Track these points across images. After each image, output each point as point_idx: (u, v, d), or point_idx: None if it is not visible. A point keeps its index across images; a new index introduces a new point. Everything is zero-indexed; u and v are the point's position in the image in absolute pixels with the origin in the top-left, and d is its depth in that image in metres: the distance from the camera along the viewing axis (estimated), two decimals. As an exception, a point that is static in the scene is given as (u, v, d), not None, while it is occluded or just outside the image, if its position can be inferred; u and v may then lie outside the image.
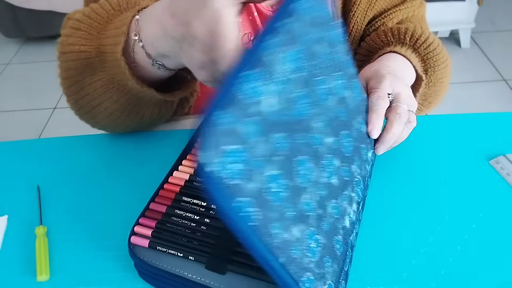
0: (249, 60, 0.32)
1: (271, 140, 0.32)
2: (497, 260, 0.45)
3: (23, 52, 2.32)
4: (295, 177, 0.34)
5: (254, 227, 0.30)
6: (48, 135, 1.79)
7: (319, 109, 0.38)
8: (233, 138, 0.29)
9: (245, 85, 0.31)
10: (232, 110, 0.29)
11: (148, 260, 0.42)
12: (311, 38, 0.37)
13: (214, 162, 0.28)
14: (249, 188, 0.29)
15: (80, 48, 0.49)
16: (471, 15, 2.00)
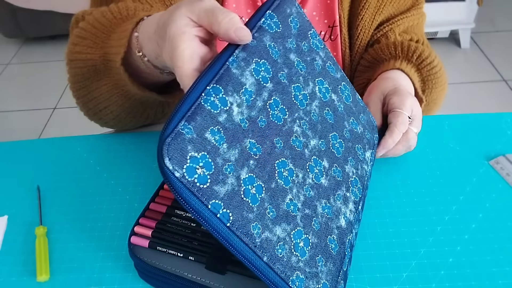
0: (217, 73, 0.34)
1: (243, 146, 0.34)
2: (497, 260, 0.45)
3: (23, 52, 2.32)
4: (275, 179, 0.35)
5: (231, 228, 0.31)
6: (48, 135, 1.79)
7: (298, 113, 0.39)
8: (199, 146, 0.31)
9: (212, 96, 0.33)
10: (196, 120, 0.31)
11: (148, 260, 0.42)
12: (282, 48, 0.40)
13: (183, 168, 0.30)
14: (222, 191, 0.31)
15: (87, 56, 0.52)
16: (471, 15, 2.00)
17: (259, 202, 0.33)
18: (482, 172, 0.54)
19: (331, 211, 0.39)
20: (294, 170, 0.37)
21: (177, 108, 0.31)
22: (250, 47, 0.37)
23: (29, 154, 0.60)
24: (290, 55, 0.41)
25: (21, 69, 2.21)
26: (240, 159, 0.33)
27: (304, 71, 0.42)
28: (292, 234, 0.35)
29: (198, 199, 0.30)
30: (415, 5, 0.72)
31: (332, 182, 0.41)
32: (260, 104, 0.36)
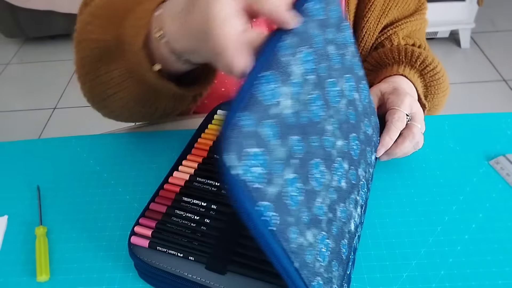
0: (268, 60, 0.31)
1: (288, 143, 0.31)
2: (497, 260, 0.45)
3: (23, 52, 2.32)
4: (310, 181, 0.33)
5: (273, 232, 0.29)
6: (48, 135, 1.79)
7: (331, 111, 0.37)
8: (254, 141, 0.28)
9: (264, 86, 0.30)
10: (253, 112, 0.28)
11: (148, 260, 0.42)
12: (324, 39, 0.37)
13: (238, 165, 0.27)
14: (269, 192, 0.29)
15: (99, 36, 0.48)
16: (471, 15, 2.00)
17: (298, 205, 0.31)
18: (482, 172, 0.54)
19: (346, 215, 0.38)
20: (324, 171, 0.35)
21: (235, 96, 0.29)
22: (297, 33, 0.33)
23: (29, 154, 0.60)
24: (329, 46, 0.37)
25: (21, 69, 2.21)
26: (287, 157, 0.30)
27: (338, 66, 0.39)
28: (318, 239, 0.33)
29: (248, 199, 0.28)
30: (418, 10, 0.72)
31: (349, 186, 0.39)
32: (303, 98, 0.33)
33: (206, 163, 0.51)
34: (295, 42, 0.33)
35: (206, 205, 0.46)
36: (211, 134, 0.55)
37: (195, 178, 0.49)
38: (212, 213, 0.45)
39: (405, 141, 0.51)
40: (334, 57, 0.38)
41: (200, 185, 0.48)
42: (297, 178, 0.31)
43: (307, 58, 0.34)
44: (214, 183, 0.48)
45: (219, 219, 0.44)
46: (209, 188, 0.48)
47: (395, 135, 0.51)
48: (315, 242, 0.33)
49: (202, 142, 0.54)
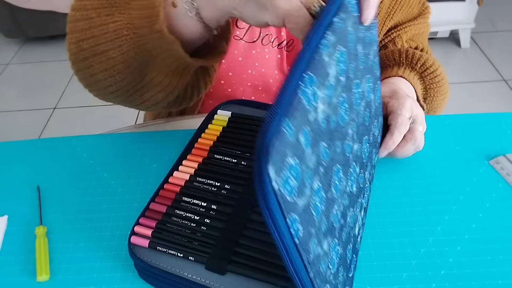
0: (312, 59, 0.28)
1: (317, 151, 0.29)
2: (497, 260, 0.45)
3: (23, 52, 2.32)
4: (331, 189, 0.31)
5: (296, 244, 0.28)
6: (48, 135, 1.79)
7: (353, 114, 0.35)
8: (294, 150, 0.26)
9: (308, 88, 0.27)
10: (296, 118, 0.26)
11: (148, 260, 0.42)
12: (356, 37, 0.35)
13: (278, 177, 0.25)
14: (299, 205, 0.27)
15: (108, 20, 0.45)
16: (471, 15, 2.00)
17: (320, 215, 0.30)
18: (482, 172, 0.54)
19: (353, 219, 0.38)
20: (342, 177, 0.33)
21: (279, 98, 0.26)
22: (338, 30, 0.31)
23: (29, 154, 0.60)
24: (358, 46, 0.35)
25: (21, 69, 2.21)
26: (316, 166, 0.29)
27: (362, 66, 0.37)
28: (331, 247, 0.32)
29: (280, 212, 0.26)
30: (422, 14, 0.73)
31: (358, 190, 0.38)
32: (334, 101, 0.31)
33: (206, 163, 0.51)
34: (335, 40, 0.31)
35: (206, 205, 0.46)
36: (211, 134, 0.55)
37: (195, 178, 0.49)
38: (212, 213, 0.45)
39: (407, 144, 0.52)
40: (361, 56, 0.37)
41: (200, 185, 0.48)
42: (321, 187, 0.30)
43: (341, 58, 0.32)
44: (214, 183, 0.48)
45: (219, 219, 0.44)
46: (209, 188, 0.48)
47: (398, 139, 0.52)
48: (328, 251, 0.31)
49: (202, 142, 0.54)
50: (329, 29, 0.31)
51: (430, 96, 0.66)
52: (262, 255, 0.41)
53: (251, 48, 0.67)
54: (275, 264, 0.40)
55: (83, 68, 0.49)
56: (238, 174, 0.49)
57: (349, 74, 0.34)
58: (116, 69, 0.48)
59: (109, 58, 0.47)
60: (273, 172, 0.24)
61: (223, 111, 0.59)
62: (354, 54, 0.35)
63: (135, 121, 1.77)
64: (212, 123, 0.58)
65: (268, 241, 0.42)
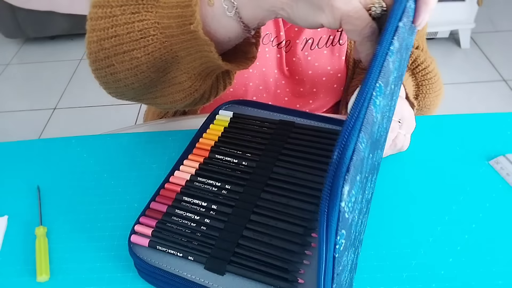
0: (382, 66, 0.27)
1: (366, 162, 0.28)
2: (497, 260, 0.45)
3: (23, 53, 2.31)
4: (362, 199, 0.31)
5: (335, 258, 0.27)
6: (48, 135, 1.79)
7: (384, 122, 0.34)
8: (360, 167, 0.25)
9: (377, 99, 0.26)
10: (366, 133, 0.25)
11: (147, 259, 0.42)
12: (406, 44, 0.34)
13: (348, 196, 0.24)
14: (349, 219, 0.26)
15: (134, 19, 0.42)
16: (471, 15, 2.00)
17: (353, 227, 0.29)
18: (482, 172, 0.54)
19: (363, 226, 0.38)
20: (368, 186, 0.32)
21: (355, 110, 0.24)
22: (401, 36, 0.30)
23: (29, 154, 0.60)
24: (402, 51, 0.34)
25: (21, 69, 2.21)
26: (362, 178, 0.28)
27: (397, 72, 0.35)
28: (350, 257, 0.31)
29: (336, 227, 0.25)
30: None
31: (368, 199, 0.38)
32: (385, 111, 0.30)
33: (207, 163, 0.51)
34: (397, 47, 0.29)
35: (207, 205, 0.46)
36: (212, 134, 0.55)
37: (196, 178, 0.49)
38: (212, 213, 0.45)
39: (386, 150, 0.52)
40: (399, 62, 0.35)
41: (201, 185, 0.48)
42: (360, 199, 0.29)
43: (396, 66, 0.31)
44: (215, 183, 0.48)
45: (219, 220, 0.44)
46: (209, 188, 0.48)
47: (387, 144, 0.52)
48: (348, 260, 0.31)
49: (204, 142, 0.54)
50: (395, 35, 0.29)
51: (422, 93, 0.66)
52: (262, 256, 0.41)
53: None
54: (274, 265, 0.40)
55: (103, 67, 0.47)
56: (239, 174, 0.49)
57: (395, 82, 0.33)
58: (139, 69, 0.45)
59: (132, 58, 0.44)
60: (345, 192, 0.23)
61: (225, 111, 0.59)
62: (402, 60, 0.34)
63: (135, 121, 1.77)
64: (214, 123, 0.58)
65: (267, 242, 0.42)
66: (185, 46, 0.42)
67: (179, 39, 0.41)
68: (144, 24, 0.42)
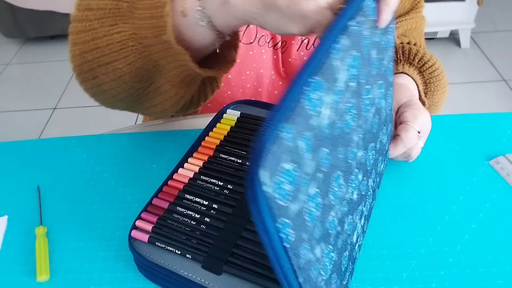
0: (320, 63, 0.28)
1: (318, 156, 0.29)
2: (497, 260, 0.45)
3: (23, 52, 2.32)
4: (328, 195, 0.31)
5: (286, 248, 0.27)
6: (48, 135, 1.79)
7: (361, 121, 0.35)
8: (291, 156, 0.26)
9: (312, 93, 0.27)
10: (296, 123, 0.26)
11: (146, 255, 0.42)
12: (371, 42, 0.35)
13: (271, 181, 0.25)
14: (292, 209, 0.27)
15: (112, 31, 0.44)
16: (471, 15, 2.00)
17: (314, 221, 0.29)
18: (482, 172, 0.54)
19: (352, 227, 0.37)
20: (342, 184, 0.33)
21: (280, 102, 0.26)
22: (354, 34, 0.31)
23: (29, 154, 0.60)
24: (372, 50, 0.35)
25: (21, 69, 2.21)
26: (314, 172, 0.29)
27: (375, 71, 0.36)
28: (325, 253, 0.32)
29: (271, 215, 0.26)
30: (414, 8, 0.72)
31: (359, 197, 0.38)
32: (341, 107, 0.31)
33: (212, 162, 0.51)
34: (348, 45, 0.31)
35: (208, 204, 0.46)
36: (219, 133, 0.55)
37: (199, 176, 0.49)
38: (212, 212, 0.45)
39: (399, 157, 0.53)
40: (374, 62, 0.36)
41: (204, 183, 0.48)
42: (319, 193, 0.30)
43: (353, 63, 0.32)
44: (217, 182, 0.48)
45: (219, 219, 0.44)
46: (212, 187, 0.48)
47: (401, 151, 0.51)
48: (321, 257, 0.31)
49: (209, 141, 0.54)
50: (343, 33, 0.30)
51: (430, 90, 0.66)
52: (259, 257, 0.41)
53: (249, 50, 0.67)
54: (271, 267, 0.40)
55: (88, 79, 0.48)
56: (242, 174, 0.49)
57: (361, 79, 0.34)
58: (122, 80, 0.46)
59: (115, 69, 0.45)
60: (265, 176, 0.24)
61: (232, 110, 0.59)
62: (368, 59, 0.35)
63: (135, 121, 1.77)
64: (221, 122, 0.57)
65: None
66: (163, 55, 0.43)
67: (157, 49, 0.42)
68: (122, 36, 0.43)
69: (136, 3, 0.42)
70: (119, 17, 0.43)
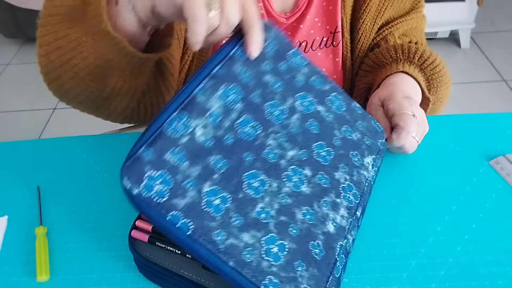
0: (183, 103, 0.38)
1: (206, 163, 0.37)
2: (497, 260, 0.45)
3: (23, 53, 2.32)
4: (243, 190, 0.38)
5: (191, 236, 0.34)
6: (48, 135, 1.79)
7: (273, 128, 0.42)
8: (158, 166, 0.34)
9: (175, 123, 0.36)
10: (157, 147, 0.35)
11: (146, 255, 0.42)
12: (255, 72, 0.43)
13: (139, 186, 0.33)
14: (182, 203, 0.34)
15: (68, 31, 0.51)
16: (471, 15, 2.00)
17: (224, 212, 0.36)
18: (482, 172, 0.54)
19: (315, 217, 0.40)
20: (267, 180, 0.39)
21: (142, 135, 0.35)
22: (218, 76, 0.40)
23: (29, 154, 0.60)
24: (264, 76, 0.44)
25: (21, 69, 2.21)
26: (203, 174, 0.36)
27: (282, 89, 0.45)
28: (264, 240, 0.36)
29: (156, 211, 0.33)
30: (414, 8, 0.72)
31: (317, 189, 0.42)
32: (227, 124, 0.40)
33: None
34: (215, 83, 0.40)
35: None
36: None
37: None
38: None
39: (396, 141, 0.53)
40: (274, 82, 0.44)
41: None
42: (220, 189, 0.37)
43: (229, 92, 0.40)
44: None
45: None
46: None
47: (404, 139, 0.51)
48: (256, 243, 0.36)
49: None
50: (207, 78, 0.40)
51: (433, 87, 0.66)
52: None
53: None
54: None
55: (53, 80, 0.54)
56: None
57: (253, 100, 0.42)
58: (79, 76, 0.52)
59: (73, 66, 0.51)
60: (130, 184, 0.33)
61: None
62: (258, 84, 0.43)
63: (135, 121, 1.77)
64: None
65: None
66: (108, 47, 0.48)
67: (102, 42, 0.48)
68: (78, 33, 0.50)
69: (87, 5, 0.49)
70: (75, 20, 0.50)
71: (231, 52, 0.42)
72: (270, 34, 0.46)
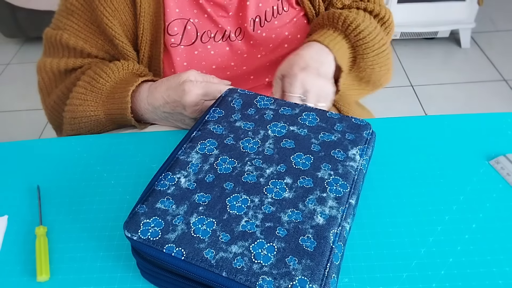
0: (169, 164, 0.47)
1: (191, 200, 0.43)
2: (497, 260, 0.45)
3: (23, 52, 2.31)
4: (227, 212, 0.42)
5: (186, 260, 0.39)
6: (48, 135, 1.79)
7: (249, 157, 0.48)
8: (150, 214, 0.42)
9: (162, 181, 0.45)
10: (149, 201, 0.43)
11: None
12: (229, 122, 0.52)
13: (137, 232, 0.41)
14: (173, 237, 0.40)
15: (91, 113, 0.65)
16: (471, 15, 2.00)
17: (211, 233, 0.40)
18: (482, 172, 0.54)
19: (301, 215, 0.42)
20: (248, 198, 0.44)
21: (140, 197, 0.44)
22: (195, 138, 0.50)
23: (29, 154, 0.60)
24: (235, 124, 0.52)
25: (21, 69, 2.21)
26: (189, 209, 0.42)
27: (253, 127, 0.52)
28: (251, 247, 0.39)
29: (153, 248, 0.40)
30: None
31: (300, 192, 0.44)
32: (206, 167, 0.47)
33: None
34: (193, 143, 0.50)
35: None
36: None
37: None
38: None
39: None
40: (244, 125, 0.52)
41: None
42: (205, 217, 0.42)
43: (205, 145, 0.49)
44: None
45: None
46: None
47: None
48: (245, 251, 0.39)
49: None
50: (186, 142, 0.50)
51: (359, 54, 0.67)
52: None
53: (192, 50, 0.69)
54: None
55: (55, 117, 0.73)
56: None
57: (227, 143, 0.50)
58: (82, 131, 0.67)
59: (83, 122, 0.66)
60: (130, 233, 0.41)
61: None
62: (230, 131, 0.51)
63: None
64: None
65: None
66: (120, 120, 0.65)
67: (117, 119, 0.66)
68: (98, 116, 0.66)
69: (110, 115, 0.65)
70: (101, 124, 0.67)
71: (205, 118, 0.53)
72: (235, 95, 0.56)
